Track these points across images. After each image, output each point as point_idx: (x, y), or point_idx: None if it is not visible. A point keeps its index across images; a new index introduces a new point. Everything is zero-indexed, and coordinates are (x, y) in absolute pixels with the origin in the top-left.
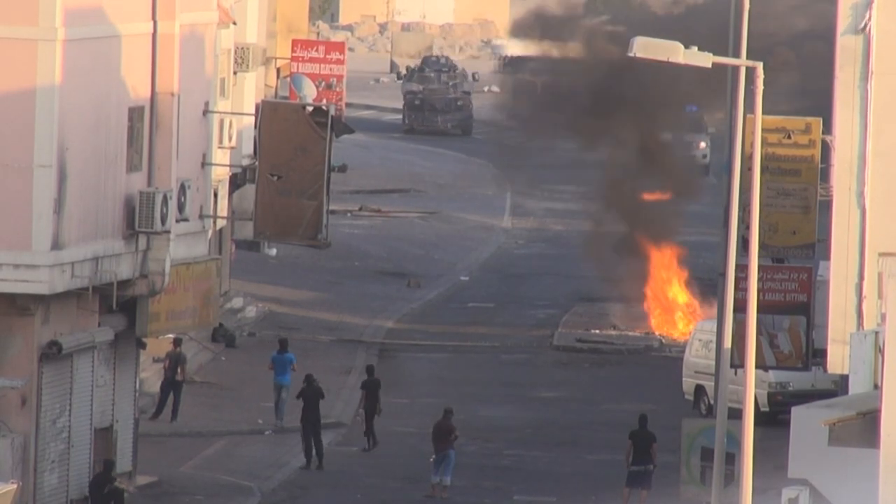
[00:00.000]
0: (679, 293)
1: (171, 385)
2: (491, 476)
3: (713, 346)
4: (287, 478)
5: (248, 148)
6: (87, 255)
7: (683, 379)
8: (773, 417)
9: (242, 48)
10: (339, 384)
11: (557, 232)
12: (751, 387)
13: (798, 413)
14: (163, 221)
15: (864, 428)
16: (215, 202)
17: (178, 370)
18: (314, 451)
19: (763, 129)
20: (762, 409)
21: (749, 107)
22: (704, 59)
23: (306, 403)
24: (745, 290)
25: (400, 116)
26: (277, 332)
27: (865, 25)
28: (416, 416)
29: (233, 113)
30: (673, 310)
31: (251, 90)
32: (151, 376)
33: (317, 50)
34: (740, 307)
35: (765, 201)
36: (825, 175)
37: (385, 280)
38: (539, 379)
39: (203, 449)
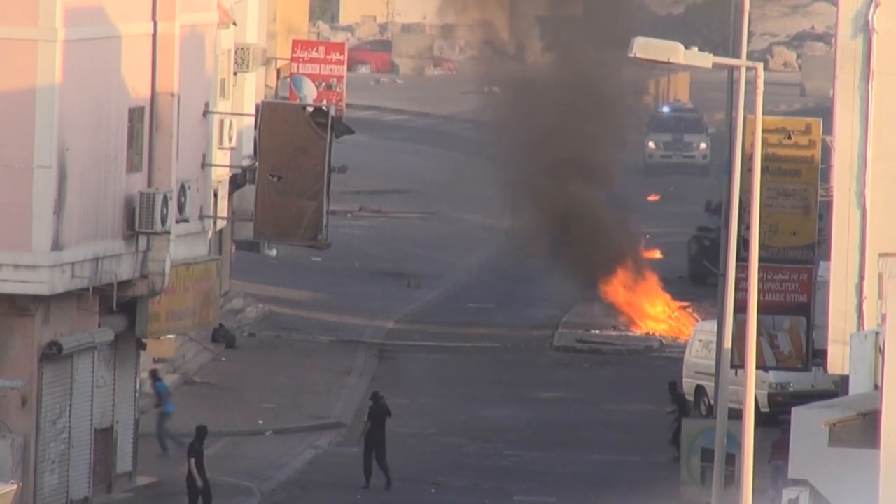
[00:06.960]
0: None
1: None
2: (491, 476)
3: (713, 346)
4: (287, 478)
5: (249, 148)
6: (87, 255)
7: (683, 379)
8: (774, 418)
9: (243, 49)
10: (340, 385)
11: None
12: (751, 387)
13: (798, 413)
14: (163, 222)
15: (865, 428)
16: (215, 203)
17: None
18: (382, 470)
19: (763, 130)
20: (762, 409)
21: (749, 107)
22: (704, 60)
23: (374, 422)
24: (746, 290)
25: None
26: (278, 333)
27: (866, 26)
28: (417, 417)
29: (233, 113)
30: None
31: (251, 91)
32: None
33: (317, 50)
34: (740, 307)
35: (765, 202)
36: (825, 175)
37: (385, 280)
38: (539, 379)
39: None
